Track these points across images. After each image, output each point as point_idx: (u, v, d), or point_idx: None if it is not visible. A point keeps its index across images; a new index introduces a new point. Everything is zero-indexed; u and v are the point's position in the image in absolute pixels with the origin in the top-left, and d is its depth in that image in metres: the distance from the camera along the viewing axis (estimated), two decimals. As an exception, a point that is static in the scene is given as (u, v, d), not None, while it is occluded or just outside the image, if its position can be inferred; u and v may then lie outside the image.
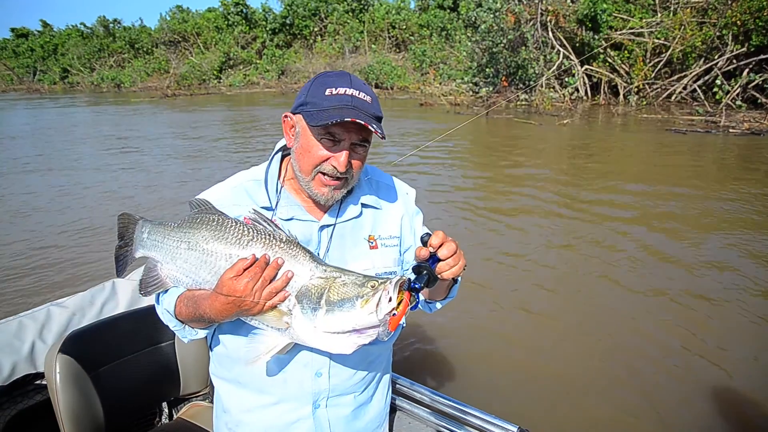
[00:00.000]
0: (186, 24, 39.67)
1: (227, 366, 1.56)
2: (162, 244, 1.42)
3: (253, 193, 1.49)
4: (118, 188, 9.67)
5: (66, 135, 17.13)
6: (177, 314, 1.43)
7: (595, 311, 4.78)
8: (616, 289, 5.15)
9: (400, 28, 33.01)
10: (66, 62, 42.94)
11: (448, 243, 1.33)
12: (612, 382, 3.78)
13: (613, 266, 5.63)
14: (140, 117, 21.66)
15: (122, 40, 42.10)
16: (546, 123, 15.88)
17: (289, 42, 36.90)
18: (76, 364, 1.87)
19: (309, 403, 1.52)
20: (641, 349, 4.17)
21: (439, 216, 7.63)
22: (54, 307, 2.22)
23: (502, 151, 12.45)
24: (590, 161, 10.95)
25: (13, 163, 12.47)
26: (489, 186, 9.32)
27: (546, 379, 3.87)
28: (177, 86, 33.89)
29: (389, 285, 1.23)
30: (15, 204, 8.87)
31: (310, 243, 1.47)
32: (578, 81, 19.78)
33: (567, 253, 6.08)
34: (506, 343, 4.39)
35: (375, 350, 1.58)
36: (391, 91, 27.08)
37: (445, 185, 9.30)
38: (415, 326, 4.42)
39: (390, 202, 1.64)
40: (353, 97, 1.36)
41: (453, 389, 3.75)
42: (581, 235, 6.57)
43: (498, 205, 8.02)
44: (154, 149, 13.74)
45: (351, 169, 1.42)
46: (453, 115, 18.02)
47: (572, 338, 4.41)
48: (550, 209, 7.68)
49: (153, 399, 2.27)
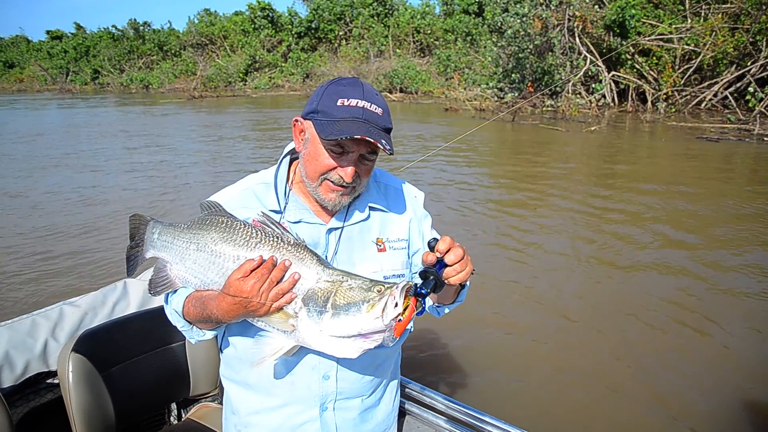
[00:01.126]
0: (213, 27, 40.18)
1: (236, 368, 1.57)
2: (172, 244, 1.44)
3: (262, 195, 1.51)
4: (138, 187, 9.81)
5: (93, 134, 17.48)
6: (185, 314, 1.44)
7: (618, 318, 4.71)
8: (640, 296, 5.07)
9: (424, 32, 33.01)
10: (97, 63, 43.85)
11: (455, 248, 1.32)
12: (635, 390, 3.72)
13: (638, 274, 5.55)
14: (167, 118, 22.00)
15: (151, 42, 42.83)
16: (573, 129, 15.74)
17: (314, 46, 37.17)
18: (89, 364, 1.89)
19: (316, 405, 1.53)
20: (667, 357, 4.10)
21: (457, 216, 7.64)
22: (66, 306, 2.24)
23: (528, 156, 12.37)
24: (618, 168, 10.82)
25: (39, 160, 12.78)
26: (511, 190, 9.26)
27: (562, 386, 3.82)
28: (203, 88, 34.35)
29: (395, 290, 1.23)
30: (37, 198, 9.09)
31: (317, 246, 1.48)
32: (605, 87, 19.56)
33: (590, 259, 6.01)
34: (520, 348, 4.35)
35: (382, 354, 1.59)
36: (415, 95, 27.08)
37: (467, 187, 9.28)
38: (425, 330, 4.40)
39: (398, 205, 1.64)
40: (364, 109, 1.36)
41: (464, 394, 3.72)
42: (605, 241, 6.50)
43: (519, 210, 7.96)
44: (179, 150, 13.94)
45: (358, 179, 1.43)
46: (478, 120, 17.95)
47: (590, 344, 4.35)
48: (573, 216, 7.60)
49: (163, 399, 2.28)
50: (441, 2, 34.84)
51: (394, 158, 10.59)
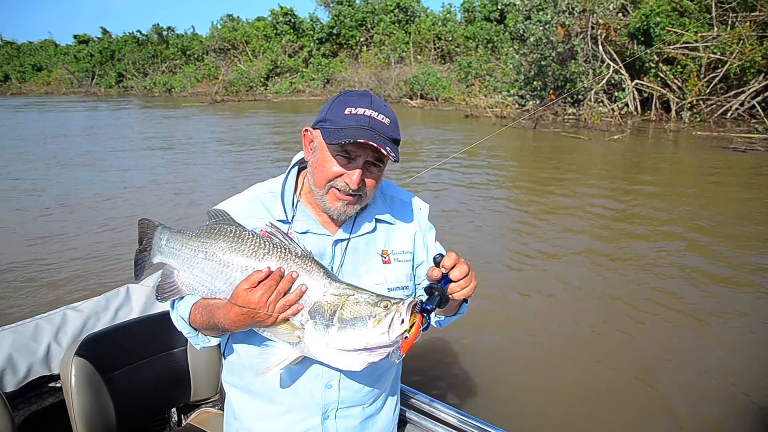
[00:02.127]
0: (236, 32, 40.61)
1: (239, 374, 1.58)
2: (179, 252, 1.44)
3: (270, 205, 1.52)
4: (153, 190, 9.93)
5: (114, 136, 17.74)
6: (191, 321, 1.45)
7: (632, 332, 4.64)
8: (655, 310, 4.98)
9: (445, 39, 33.00)
10: (122, 67, 44.54)
11: (460, 265, 1.33)
12: (648, 405, 3.66)
13: (651, 287, 5.44)
14: (188, 121, 22.25)
15: (175, 47, 43.39)
16: (595, 138, 15.58)
17: (335, 51, 37.35)
18: (91, 368, 1.90)
19: (318, 413, 1.54)
20: (673, 370, 4.03)
21: (470, 221, 7.61)
22: (70, 311, 2.26)
23: (548, 163, 12.27)
24: (640, 178, 10.66)
25: (58, 159, 13.04)
26: (529, 196, 9.20)
27: (567, 397, 3.77)
28: (225, 92, 34.69)
29: (402, 306, 1.24)
30: (52, 197, 9.27)
31: (323, 257, 1.50)
32: (628, 96, 19.35)
33: (605, 270, 5.92)
34: (524, 358, 4.32)
35: (384, 364, 1.57)
36: (435, 102, 27.05)
37: (484, 193, 9.23)
38: (429, 341, 4.38)
39: (404, 218, 1.65)
40: (371, 118, 1.39)
41: (466, 404, 3.70)
42: (622, 253, 6.39)
43: (536, 216, 7.89)
44: (198, 153, 14.10)
45: (364, 186, 1.44)
46: (499, 127, 17.86)
47: (600, 356, 4.30)
48: (591, 225, 7.51)
49: (164, 404, 2.29)
50: (462, 9, 34.83)
51: (408, 165, 10.59)
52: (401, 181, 9.01)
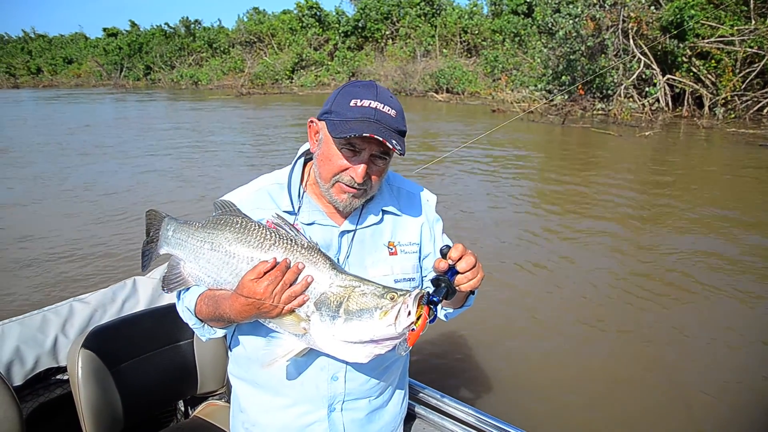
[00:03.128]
0: (262, 25, 40.79)
1: (245, 366, 1.58)
2: (186, 243, 1.44)
3: (276, 196, 1.52)
4: (174, 179, 10.05)
5: (140, 126, 18.03)
6: (197, 312, 1.45)
7: (649, 329, 4.60)
8: (675, 304, 4.92)
9: (472, 33, 32.68)
10: (149, 60, 45.12)
11: (467, 256, 1.33)
12: (654, 403, 3.62)
13: (678, 290, 5.29)
14: (214, 113, 22.43)
15: (201, 39, 43.79)
16: (625, 134, 15.28)
17: (360, 45, 37.29)
18: (98, 360, 1.91)
19: (324, 406, 1.54)
20: (689, 368, 3.97)
21: (488, 216, 7.58)
22: (77, 303, 2.27)
23: (576, 159, 12.07)
24: (669, 175, 10.42)
25: (80, 149, 13.33)
26: (551, 192, 9.06)
27: (579, 393, 3.74)
28: (251, 85, 34.91)
29: (408, 298, 1.23)
30: (75, 184, 9.45)
31: (329, 248, 1.49)
32: (659, 91, 18.93)
33: (625, 270, 5.81)
34: (536, 354, 4.28)
35: (391, 356, 1.57)
36: (462, 96, 26.83)
37: (505, 188, 9.12)
38: (439, 335, 4.38)
39: (411, 209, 1.64)
40: (377, 110, 1.37)
41: (476, 398, 3.68)
42: (644, 253, 6.25)
43: (557, 213, 7.77)
44: (222, 144, 14.24)
45: (369, 180, 1.43)
46: (526, 122, 17.65)
47: (615, 354, 4.25)
48: (614, 220, 7.38)
49: (171, 396, 2.30)
50: (489, 2, 34.44)
51: (414, 159, 10.53)
52: (412, 171, 8.99)
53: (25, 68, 50.39)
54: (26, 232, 7.16)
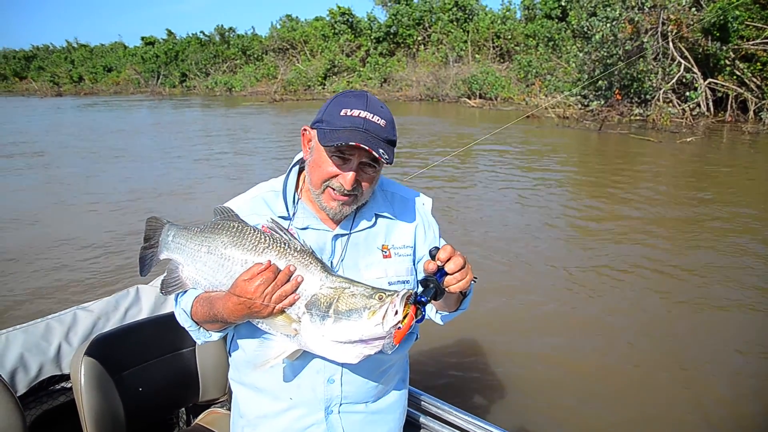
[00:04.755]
0: (294, 32, 41.17)
1: (244, 371, 1.61)
2: (184, 246, 1.50)
3: (272, 203, 1.57)
4: (203, 182, 10.13)
5: (175, 132, 18.36)
6: (193, 314, 1.49)
7: (659, 340, 4.47)
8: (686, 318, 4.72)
9: (504, 38, 32.34)
10: (185, 67, 46.00)
11: (455, 257, 1.36)
12: (664, 413, 3.54)
13: (707, 313, 4.99)
14: (247, 119, 22.68)
15: (235, 47, 44.42)
16: (666, 140, 14.83)
17: (392, 50, 37.28)
18: (101, 367, 1.92)
19: (321, 409, 1.56)
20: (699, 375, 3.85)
21: (516, 226, 7.37)
22: (80, 311, 2.29)
23: (613, 166, 11.74)
24: (710, 184, 10.01)
25: (114, 152, 13.71)
26: (583, 199, 8.78)
27: (585, 405, 3.65)
28: (284, 91, 35.22)
29: (396, 298, 1.26)
30: (99, 189, 9.59)
31: (324, 251, 1.53)
32: (700, 95, 18.33)
33: (655, 282, 5.60)
34: (543, 364, 4.20)
35: (387, 360, 1.61)
36: (495, 101, 26.53)
37: (533, 193, 8.91)
38: (442, 343, 4.35)
39: (404, 213, 1.67)
40: (366, 120, 1.41)
41: (480, 408, 3.63)
42: (673, 270, 5.95)
43: (587, 221, 7.51)
44: (253, 150, 14.32)
45: (359, 187, 1.46)
46: (561, 128, 17.31)
47: (625, 365, 4.16)
48: (649, 229, 7.10)
49: (173, 404, 2.32)
50: (522, 7, 34.04)
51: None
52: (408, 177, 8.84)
53: (67, 77, 51.93)
54: (44, 235, 7.29)
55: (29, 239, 7.20)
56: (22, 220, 8.10)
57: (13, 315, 4.93)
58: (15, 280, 5.87)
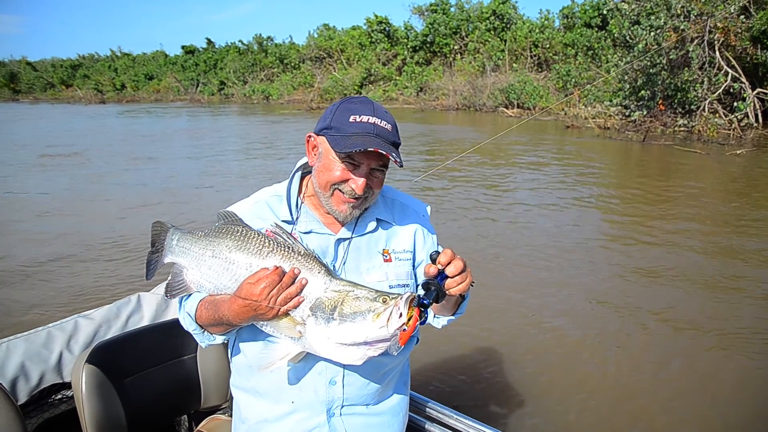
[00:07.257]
0: (331, 41, 41.58)
1: (246, 375, 1.62)
2: (189, 251, 1.52)
3: (275, 207, 1.59)
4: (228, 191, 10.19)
5: (214, 138, 18.71)
6: (197, 318, 1.51)
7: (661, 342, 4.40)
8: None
9: (543, 47, 32.00)
10: (223, 76, 46.91)
11: (455, 261, 1.39)
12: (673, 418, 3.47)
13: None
14: (283, 126, 22.95)
15: (273, 55, 45.10)
16: (713, 152, 14.39)
17: (428, 59, 37.30)
18: (102, 375, 1.92)
19: (323, 411, 1.57)
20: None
21: (549, 231, 7.25)
22: (81, 319, 2.29)
23: (652, 180, 11.43)
24: (756, 202, 9.64)
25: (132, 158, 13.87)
26: (617, 214, 8.53)
27: (588, 410, 3.61)
28: (320, 99, 35.56)
29: (400, 300, 1.28)
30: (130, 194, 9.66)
31: (326, 255, 1.56)
32: (749, 106, 17.77)
33: (689, 299, 5.42)
34: (541, 366, 4.18)
35: (388, 363, 1.62)
36: (532, 111, 26.25)
37: (568, 204, 8.70)
38: (445, 348, 4.34)
39: (404, 219, 1.71)
40: (375, 125, 1.44)
41: (479, 413, 3.54)
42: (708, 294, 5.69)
43: (621, 237, 7.28)
44: (284, 157, 14.45)
45: (370, 190, 1.50)
46: (602, 139, 16.99)
47: (628, 367, 4.13)
48: (686, 247, 6.81)
49: (174, 411, 2.31)
50: (561, 15, 33.66)
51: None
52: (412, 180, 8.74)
53: (111, 84, 53.53)
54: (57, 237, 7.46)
55: (33, 245, 7.33)
56: (26, 222, 8.36)
57: (14, 323, 4.90)
58: (16, 289, 5.86)
